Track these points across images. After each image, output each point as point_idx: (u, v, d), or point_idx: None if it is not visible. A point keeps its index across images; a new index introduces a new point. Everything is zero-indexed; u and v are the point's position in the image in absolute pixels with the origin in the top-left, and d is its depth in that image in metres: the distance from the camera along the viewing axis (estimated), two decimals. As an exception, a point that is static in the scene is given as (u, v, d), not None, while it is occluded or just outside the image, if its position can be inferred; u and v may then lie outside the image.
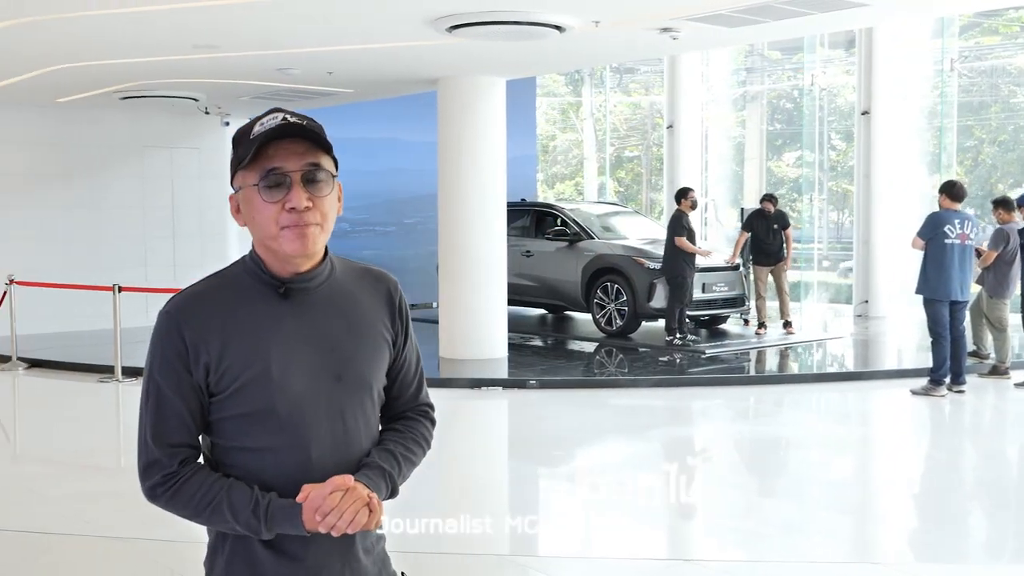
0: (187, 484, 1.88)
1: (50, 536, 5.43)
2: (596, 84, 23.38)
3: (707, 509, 6.29)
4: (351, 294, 2.03)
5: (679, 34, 8.20)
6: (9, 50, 8.87)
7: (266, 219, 1.91)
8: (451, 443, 8.20)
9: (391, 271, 8.75)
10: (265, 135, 1.89)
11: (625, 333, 12.28)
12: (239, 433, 1.92)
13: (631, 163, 27.75)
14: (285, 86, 11.30)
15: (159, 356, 1.90)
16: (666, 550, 5.64)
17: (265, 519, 1.85)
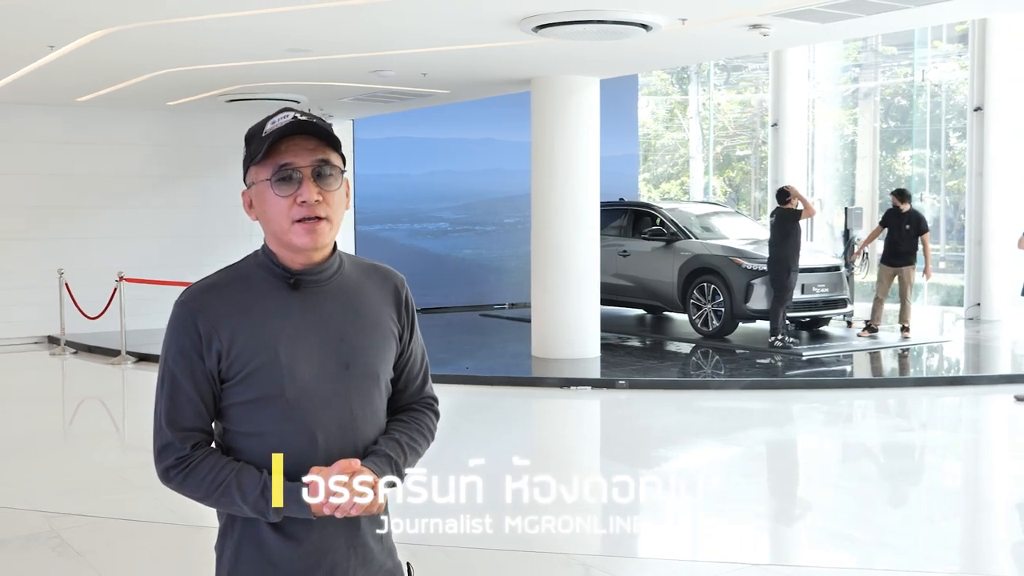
0: (199, 467, 1.94)
1: (138, 523, 5.65)
2: (703, 82, 23.14)
3: (805, 513, 6.20)
4: (359, 288, 2.09)
5: (769, 30, 8.07)
6: (121, 55, 9.22)
7: (278, 212, 1.98)
8: (535, 441, 8.24)
9: (491, 271, 9.01)
10: (277, 132, 1.95)
11: (722, 334, 12.13)
12: (248, 419, 1.98)
13: (740, 162, 27.37)
14: (381, 87, 11.49)
15: (174, 344, 1.98)
16: (767, 555, 5.52)
17: (271, 501, 1.90)
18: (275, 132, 1.95)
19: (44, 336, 12.94)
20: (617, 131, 17.40)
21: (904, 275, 12.06)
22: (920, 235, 11.96)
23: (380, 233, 15.67)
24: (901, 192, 12.23)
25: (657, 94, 26.77)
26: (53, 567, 5.06)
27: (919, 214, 12.19)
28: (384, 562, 2.11)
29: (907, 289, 12.10)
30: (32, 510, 5.86)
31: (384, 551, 2.12)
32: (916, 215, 12.09)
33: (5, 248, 12.83)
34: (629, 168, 18.10)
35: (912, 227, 11.97)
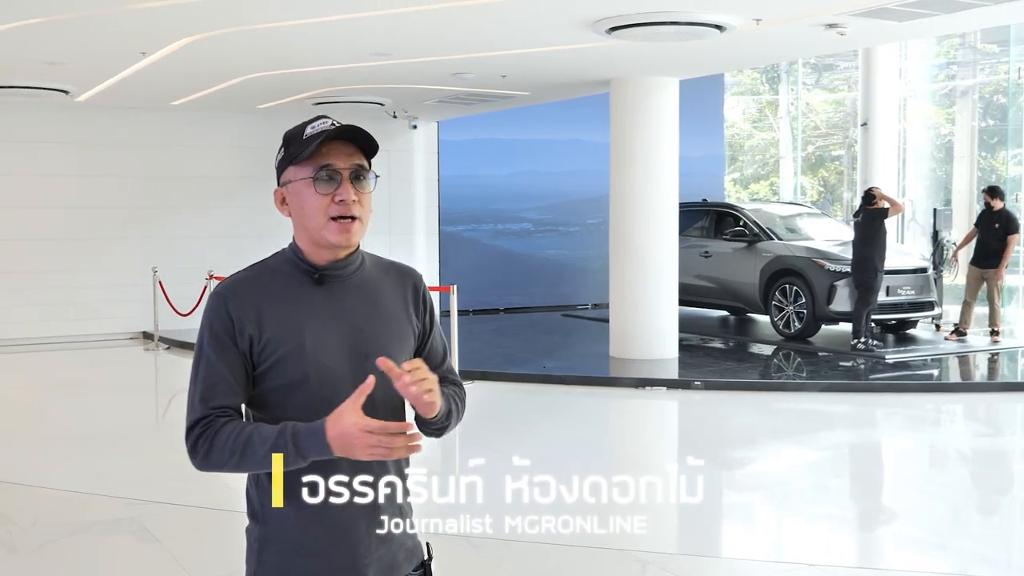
0: (222, 429, 2.04)
1: (214, 511, 5.87)
2: (793, 81, 22.85)
3: (888, 518, 6.17)
4: (379, 284, 2.23)
5: (845, 30, 7.99)
6: (210, 60, 9.55)
7: (315, 210, 2.11)
8: (605, 440, 8.29)
9: (574, 271, 9.21)
10: (324, 135, 2.09)
11: (804, 336, 12.00)
12: (275, 404, 2.11)
13: (834, 162, 26.93)
14: (463, 90, 11.65)
15: (208, 329, 2.11)
16: (853, 558, 5.49)
17: (292, 438, 1.98)
18: (320, 134, 2.09)
19: (139, 332, 13.43)
20: (702, 131, 17.33)
21: (990, 277, 11.77)
22: (1008, 235, 11.66)
23: (464, 233, 15.86)
24: (993, 189, 11.95)
25: (747, 93, 26.52)
26: (132, 551, 5.30)
27: (1010, 214, 11.89)
28: (404, 541, 2.22)
29: (994, 292, 11.80)
30: (116, 497, 6.13)
31: (404, 531, 2.22)
32: (1007, 214, 11.79)
33: (102, 247, 13.35)
34: (714, 168, 17.99)
35: (1002, 226, 11.68)
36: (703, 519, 6.17)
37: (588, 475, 6.51)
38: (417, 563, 2.26)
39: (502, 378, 10.16)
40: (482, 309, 15.56)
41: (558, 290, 16.29)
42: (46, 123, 12.90)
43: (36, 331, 12.95)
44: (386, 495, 2.16)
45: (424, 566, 2.28)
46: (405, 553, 2.22)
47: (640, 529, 5.83)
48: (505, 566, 5.01)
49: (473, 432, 8.69)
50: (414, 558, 2.25)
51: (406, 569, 2.22)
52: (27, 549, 5.31)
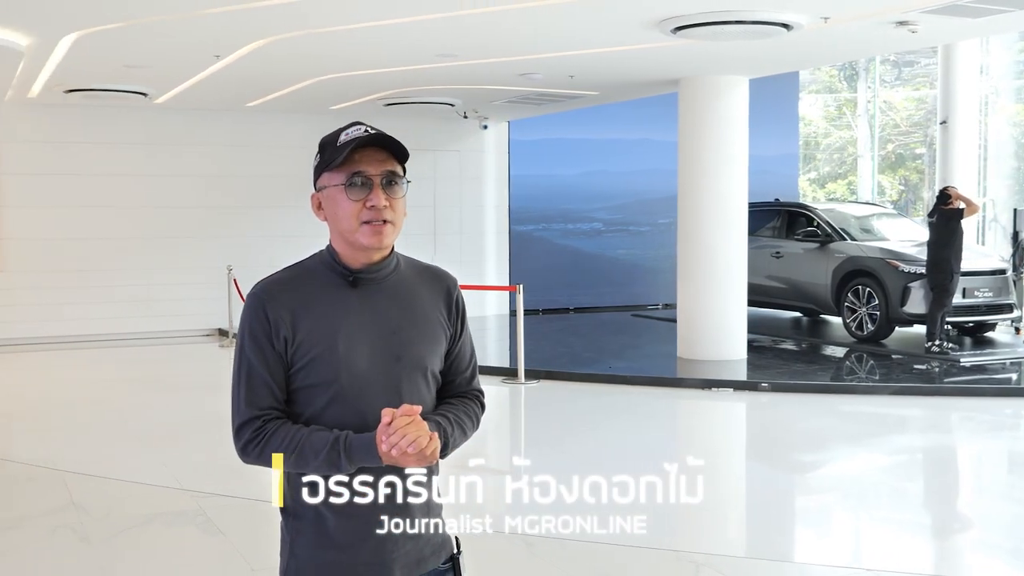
0: (274, 435, 2.13)
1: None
2: (872, 79, 22.46)
3: (962, 524, 6.07)
4: (413, 287, 2.27)
5: (917, 27, 7.85)
6: (281, 63, 9.73)
7: (348, 215, 2.17)
8: (667, 440, 8.25)
9: (645, 271, 9.26)
10: (356, 142, 2.15)
11: (877, 338, 11.81)
12: (307, 403, 2.16)
13: (915, 161, 26.41)
14: (531, 90, 11.69)
15: (247, 331, 2.18)
16: (927, 565, 5.41)
17: (344, 450, 2.07)
18: (353, 142, 2.14)
19: (214, 329, 13.72)
20: (776, 130, 17.15)
21: None
22: None
23: (534, 233, 15.89)
24: None
25: (824, 91, 26.14)
26: (197, 543, 5.44)
27: None
28: (432, 537, 2.26)
29: None
30: (184, 489, 6.29)
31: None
32: None
33: (178, 246, 13.67)
34: (788, 168, 17.77)
35: None
36: (766, 522, 6.13)
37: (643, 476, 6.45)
38: (446, 557, 2.30)
39: (567, 377, 10.17)
40: (552, 309, 15.58)
41: (628, 290, 16.24)
42: (126, 125, 13.25)
43: (116, 327, 13.31)
44: (414, 492, 2.21)
45: (453, 559, 2.32)
46: (432, 548, 2.27)
47: (701, 531, 5.85)
48: (561, 566, 5.03)
49: (535, 431, 8.74)
50: (443, 552, 2.29)
51: (434, 564, 2.27)
52: (99, 539, 5.48)
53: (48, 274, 13.02)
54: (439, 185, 15.02)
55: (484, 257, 15.34)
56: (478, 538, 5.48)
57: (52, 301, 13.01)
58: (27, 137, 12.88)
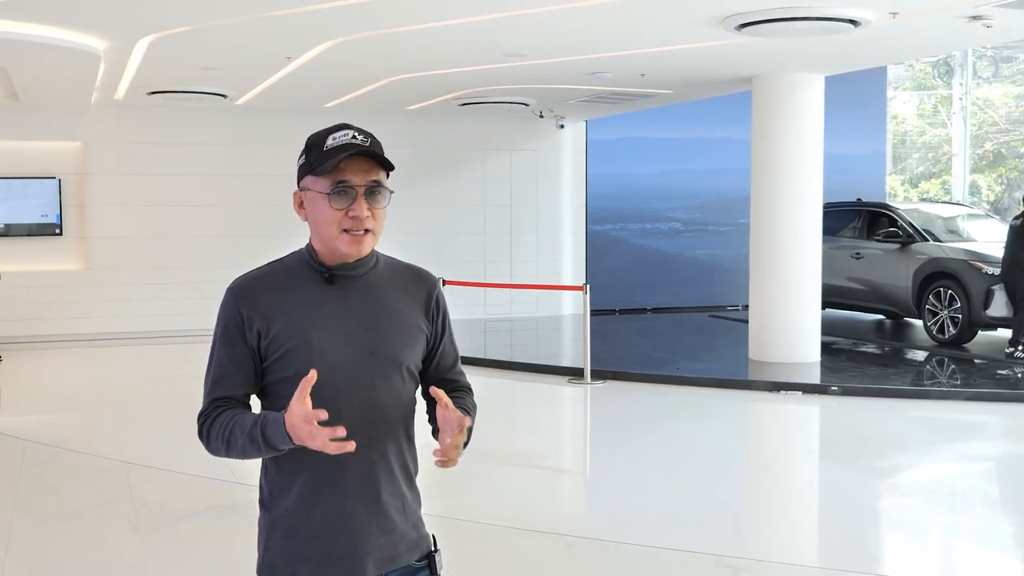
0: (216, 420, 2.19)
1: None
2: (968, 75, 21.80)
3: None
4: (390, 285, 2.32)
5: (992, 22, 7.61)
6: (352, 64, 9.86)
7: (330, 222, 2.21)
8: (724, 444, 8.13)
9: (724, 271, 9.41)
10: (339, 151, 2.17)
11: (959, 342, 11.48)
12: (282, 395, 2.18)
13: (1017, 160, 25.59)
14: (604, 89, 11.64)
15: (221, 326, 2.25)
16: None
17: (261, 426, 2.08)
18: (337, 150, 2.18)
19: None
20: (863, 128, 16.78)
21: None
22: None
23: (611, 232, 15.82)
24: None
25: (919, 88, 25.50)
26: (243, 534, 5.54)
27: None
28: (407, 533, 2.28)
29: None
30: (236, 483, 6.41)
31: (408, 523, 2.28)
32: None
33: (261, 244, 13.84)
34: (876, 167, 17.35)
35: None
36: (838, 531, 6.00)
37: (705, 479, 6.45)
38: (421, 555, 2.31)
39: (634, 378, 10.10)
40: (629, 309, 15.49)
41: (707, 290, 16.05)
42: (209, 125, 13.57)
43: (197, 323, 13.61)
44: (389, 486, 2.23)
45: (429, 557, 2.33)
46: (407, 544, 2.28)
47: (753, 537, 5.75)
48: (592, 568, 5.01)
49: (598, 432, 8.70)
50: (417, 550, 2.30)
51: (408, 559, 2.28)
52: (149, 529, 5.63)
53: (133, 271, 13.40)
54: (515, 184, 15.05)
55: (560, 257, 15.32)
56: (516, 535, 5.51)
57: (136, 297, 13.38)
58: (114, 138, 13.28)
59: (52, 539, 5.51)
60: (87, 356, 12.25)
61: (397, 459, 2.26)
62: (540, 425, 8.85)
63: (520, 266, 14.83)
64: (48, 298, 13.07)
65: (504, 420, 8.57)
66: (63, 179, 13.20)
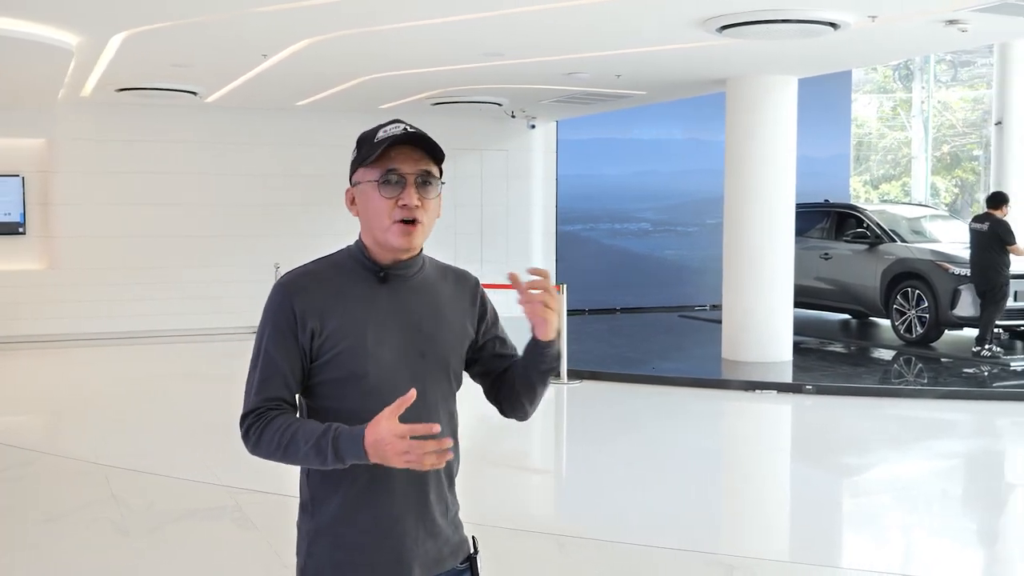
0: (272, 422, 2.12)
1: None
2: (928, 79, 22.11)
3: (1006, 530, 6.01)
4: (438, 286, 2.29)
5: (967, 26, 7.72)
6: (328, 62, 9.79)
7: (380, 212, 2.17)
8: (706, 443, 8.19)
9: (692, 272, 9.42)
10: (390, 140, 2.14)
11: (926, 342, 11.64)
12: (332, 396, 2.17)
13: (971, 162, 25.99)
14: (578, 89, 11.66)
15: (271, 323, 2.19)
16: (979, 573, 5.35)
17: (332, 440, 2.03)
18: (388, 139, 2.14)
19: (262, 326, 13.84)
20: (828, 130, 16.95)
21: None
22: None
23: (581, 233, 15.85)
24: None
25: (879, 91, 25.80)
26: (231, 537, 5.50)
27: None
28: (450, 536, 2.26)
29: None
30: (221, 486, 6.35)
31: (450, 526, 2.26)
32: None
33: (231, 244, 13.82)
34: (840, 168, 17.55)
35: None
36: (810, 526, 6.06)
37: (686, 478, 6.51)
38: (463, 557, 2.29)
39: (611, 378, 10.14)
40: (598, 309, 15.53)
41: (676, 290, 16.14)
42: (177, 123, 13.42)
43: (166, 324, 13.50)
44: (435, 490, 2.20)
45: (470, 560, 2.31)
46: (451, 548, 2.26)
47: (739, 534, 5.80)
48: (588, 567, 5.01)
49: (577, 432, 8.72)
50: (460, 553, 2.28)
51: (452, 564, 2.26)
52: (135, 533, 5.56)
53: (98, 271, 13.22)
54: (486, 184, 15.03)
55: (531, 256, 15.32)
56: (510, 536, 5.49)
57: (102, 298, 13.21)
58: (80, 135, 13.09)
59: (37, 543, 5.42)
60: (52, 358, 12.07)
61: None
62: (520, 425, 8.74)
63: (490, 266, 14.78)
64: (11, 298, 12.85)
65: (484, 421, 8.55)
66: (27, 177, 13.00)
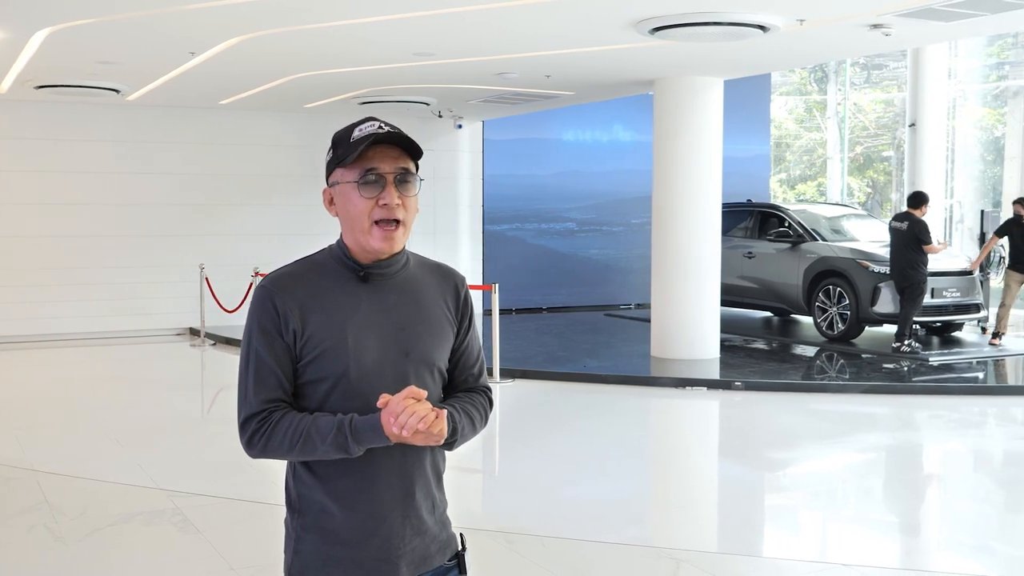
0: (279, 423, 2.12)
1: (256, 504, 5.98)
2: (842, 81, 22.65)
3: (928, 519, 6.19)
4: (422, 283, 2.28)
5: (891, 30, 7.94)
6: (258, 60, 9.69)
7: (360, 212, 2.16)
8: (643, 439, 8.31)
9: (617, 271, 9.42)
10: (368, 139, 2.13)
11: (847, 338, 11.94)
12: (316, 396, 2.16)
13: (883, 163, 26.67)
14: (507, 90, 11.70)
15: (256, 324, 2.17)
16: (894, 559, 5.44)
17: (351, 432, 2.06)
18: (365, 139, 2.13)
19: (186, 328, 13.64)
20: (748, 131, 17.26)
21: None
22: None
23: (507, 232, 15.91)
24: (1023, 199, 11.90)
25: (795, 93, 26.33)
26: (174, 541, 5.41)
27: None
28: (438, 533, 2.27)
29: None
30: (159, 488, 6.25)
31: (438, 523, 2.27)
32: None
33: (152, 244, 13.57)
34: (760, 169, 17.89)
35: None
36: (739, 519, 6.18)
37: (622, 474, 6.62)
38: (451, 555, 2.30)
39: (543, 376, 10.20)
40: (525, 308, 15.61)
41: (601, 290, 16.30)
42: (98, 122, 13.15)
43: (87, 326, 13.21)
44: (422, 488, 2.21)
45: (458, 557, 2.32)
46: (438, 545, 2.26)
47: (675, 527, 5.89)
48: (540, 562, 5.05)
49: (512, 430, 8.75)
50: (448, 550, 2.29)
51: (439, 560, 2.27)
52: (74, 538, 5.43)
53: (16, 272, 12.89)
54: (412, 184, 14.98)
55: (458, 256, 15.33)
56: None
57: (21, 300, 12.88)
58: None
59: (-30, 551, 5.27)
60: (-31, 361, 11.73)
61: (429, 459, 2.23)
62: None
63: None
64: (-77, 301, 12.47)
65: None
66: (-60, 176, 12.62)
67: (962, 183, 18.42)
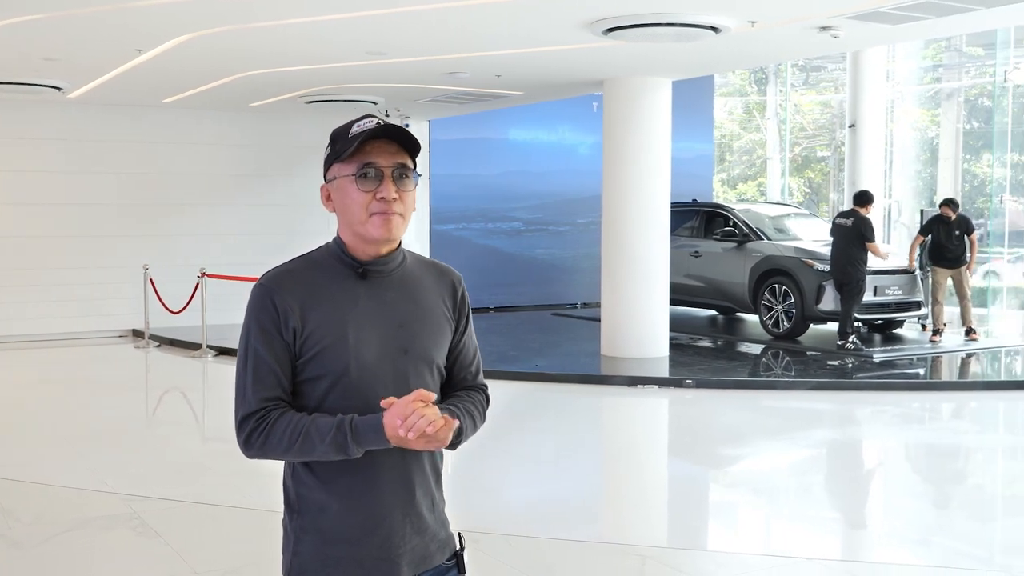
0: (277, 422, 2.10)
1: (214, 507, 5.92)
2: (781, 82, 22.96)
3: (871, 513, 6.31)
4: (419, 281, 2.28)
5: (839, 32, 8.08)
6: (205, 58, 9.56)
7: (358, 206, 2.16)
8: (598, 437, 8.36)
9: (563, 270, 9.49)
10: (367, 133, 2.14)
11: (793, 335, 12.12)
12: (315, 394, 2.15)
13: (820, 163, 27.08)
14: (456, 89, 11.69)
15: (254, 322, 2.15)
16: (838, 552, 5.57)
17: (351, 432, 2.05)
18: (364, 133, 2.14)
19: (129, 329, 13.43)
20: (692, 132, 17.43)
21: (958, 276, 12.12)
22: (969, 236, 12.13)
23: (454, 232, 15.90)
24: (951, 202, 12.28)
25: (735, 94, 26.64)
26: (133, 546, 5.33)
27: (967, 218, 12.36)
28: (437, 532, 2.27)
29: (965, 290, 12.13)
30: (114, 493, 6.16)
31: (437, 522, 2.27)
32: (965, 219, 12.25)
33: (95, 244, 13.33)
34: (703, 169, 18.07)
35: (962, 231, 12.09)
36: (695, 515, 6.26)
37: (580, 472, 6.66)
38: (450, 554, 2.30)
39: (493, 376, 10.15)
40: (473, 308, 15.56)
41: (548, 289, 16.35)
42: (39, 120, 12.88)
43: (28, 328, 12.94)
44: (422, 486, 2.21)
45: (456, 556, 2.32)
46: (438, 544, 2.27)
47: (633, 524, 5.93)
48: (504, 560, 5.06)
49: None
50: (447, 549, 2.30)
51: (439, 559, 2.27)
52: (30, 544, 5.33)
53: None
54: (359, 183, 14.89)
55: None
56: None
57: (-41, 301, 12.59)
58: (-68, 131, 12.46)
59: (-78, 559, 5.15)
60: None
61: (428, 458, 2.24)
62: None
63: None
64: None
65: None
66: None
67: (900, 183, 18.78)
